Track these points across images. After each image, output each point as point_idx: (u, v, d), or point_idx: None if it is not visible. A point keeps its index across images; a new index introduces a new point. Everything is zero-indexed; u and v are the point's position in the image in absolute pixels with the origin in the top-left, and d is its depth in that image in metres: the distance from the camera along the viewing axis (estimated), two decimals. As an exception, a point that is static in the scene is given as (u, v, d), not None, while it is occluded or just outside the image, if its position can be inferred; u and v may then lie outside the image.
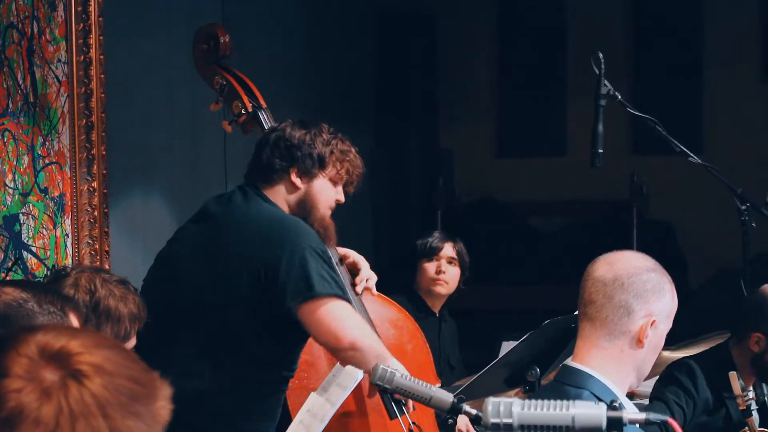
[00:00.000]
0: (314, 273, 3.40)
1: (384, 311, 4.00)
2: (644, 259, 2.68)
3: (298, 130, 3.63)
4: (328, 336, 3.43)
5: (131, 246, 4.56)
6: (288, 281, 3.40)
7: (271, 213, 3.55)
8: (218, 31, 4.02)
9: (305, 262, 3.41)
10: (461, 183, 8.76)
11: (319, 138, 3.63)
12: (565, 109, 8.65)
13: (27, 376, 1.46)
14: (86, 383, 1.47)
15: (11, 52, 4.02)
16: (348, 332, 3.40)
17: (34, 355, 1.48)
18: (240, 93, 3.96)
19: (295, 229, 3.49)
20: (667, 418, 2.23)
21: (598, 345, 2.63)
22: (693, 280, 7.83)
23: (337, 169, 3.64)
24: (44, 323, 2.10)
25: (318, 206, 3.62)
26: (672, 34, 8.42)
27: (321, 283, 3.40)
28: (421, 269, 5.15)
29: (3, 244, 3.99)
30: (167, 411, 1.53)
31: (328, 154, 3.62)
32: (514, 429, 2.14)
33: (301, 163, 3.60)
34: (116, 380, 1.48)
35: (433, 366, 4.10)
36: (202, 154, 4.61)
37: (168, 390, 1.55)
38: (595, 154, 3.87)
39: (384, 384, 2.59)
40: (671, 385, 4.03)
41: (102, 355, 1.50)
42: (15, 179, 4.04)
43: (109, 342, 1.54)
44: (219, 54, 4.02)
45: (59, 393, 1.45)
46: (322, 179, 3.63)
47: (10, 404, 1.44)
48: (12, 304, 2.31)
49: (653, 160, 7.72)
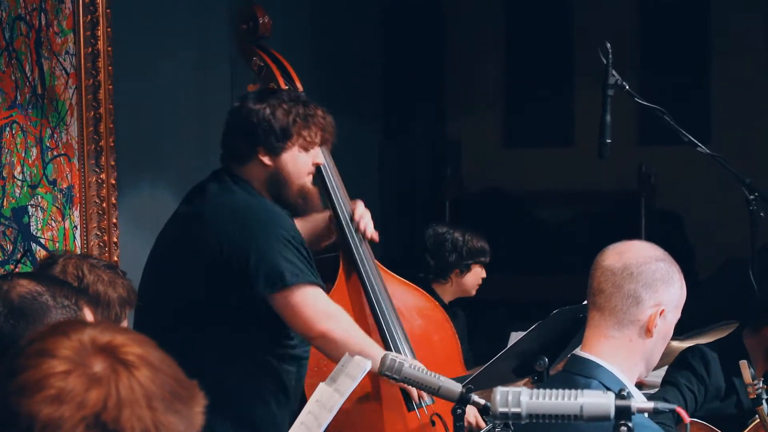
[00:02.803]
0: (284, 262, 3.38)
1: (411, 299, 3.97)
2: (653, 248, 2.68)
3: (256, 105, 3.54)
4: (300, 325, 3.44)
5: (140, 237, 4.56)
6: (258, 272, 3.39)
7: (241, 203, 3.50)
8: (257, 11, 3.98)
9: (275, 252, 3.38)
10: (469, 174, 8.76)
11: (279, 109, 3.53)
12: (573, 100, 8.63)
13: (76, 359, 1.49)
14: (135, 373, 1.50)
15: (19, 44, 4.03)
16: (318, 321, 3.40)
17: (85, 343, 1.51)
18: (276, 75, 3.91)
19: (264, 218, 3.45)
20: (675, 407, 2.24)
21: (607, 334, 2.63)
22: (701, 270, 7.82)
23: (305, 136, 3.55)
24: (94, 321, 2.13)
25: (291, 179, 3.56)
26: (679, 23, 8.39)
27: (292, 272, 3.39)
28: (474, 272, 5.08)
29: (12, 236, 4.00)
30: (202, 419, 1.56)
31: (291, 123, 3.53)
32: (522, 418, 2.14)
33: (265, 141, 3.52)
34: (161, 375, 1.52)
35: (461, 357, 4.07)
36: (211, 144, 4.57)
37: (204, 400, 1.57)
38: (603, 144, 3.87)
39: (392, 374, 2.60)
40: (684, 370, 4.04)
41: (147, 350, 1.54)
42: (23, 171, 4.05)
43: (152, 342, 1.57)
44: (258, 34, 3.97)
45: (109, 379, 1.48)
46: (291, 150, 3.55)
47: (58, 384, 1.47)
48: (27, 296, 2.32)
49: (661, 150, 7.70)
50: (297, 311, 3.41)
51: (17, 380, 1.48)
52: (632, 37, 8.45)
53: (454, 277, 5.07)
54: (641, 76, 8.12)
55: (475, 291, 5.12)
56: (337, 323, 3.42)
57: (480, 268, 5.08)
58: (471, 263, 5.06)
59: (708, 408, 4.04)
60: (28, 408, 1.46)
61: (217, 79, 5.51)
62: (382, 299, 3.79)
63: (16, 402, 1.47)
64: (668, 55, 8.33)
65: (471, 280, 5.09)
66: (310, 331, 3.44)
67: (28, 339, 1.56)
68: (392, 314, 3.79)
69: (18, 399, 1.47)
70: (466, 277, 5.07)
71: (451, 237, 5.06)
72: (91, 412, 1.46)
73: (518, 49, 8.81)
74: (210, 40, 5.51)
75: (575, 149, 8.50)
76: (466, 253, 5.04)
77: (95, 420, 1.46)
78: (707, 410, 4.04)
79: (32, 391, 1.47)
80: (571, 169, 8.39)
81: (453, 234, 5.07)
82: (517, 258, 8.27)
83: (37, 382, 1.47)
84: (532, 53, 8.73)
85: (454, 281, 5.07)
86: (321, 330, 3.41)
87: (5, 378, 1.50)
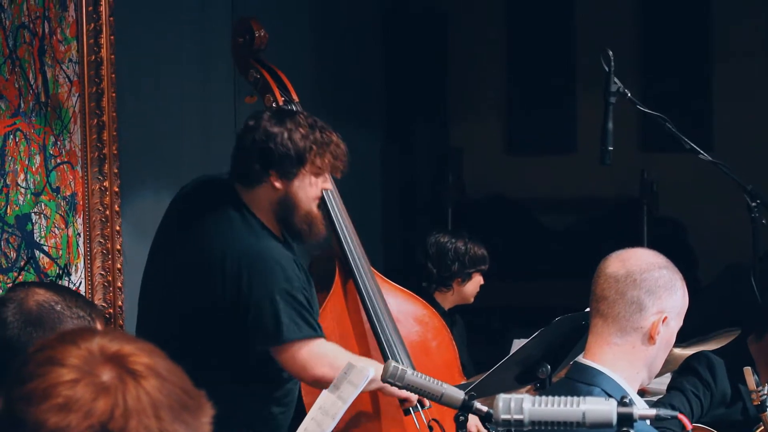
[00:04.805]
0: (284, 316, 3.41)
1: (408, 307, 3.99)
2: (656, 256, 2.69)
3: (273, 127, 3.50)
4: (295, 373, 3.52)
5: (143, 245, 4.56)
6: (257, 325, 3.43)
7: (244, 247, 3.49)
8: (253, 24, 4.00)
9: (275, 307, 3.41)
10: (471, 180, 8.76)
11: (296, 133, 3.49)
12: (575, 107, 8.63)
13: (84, 368, 1.49)
14: (142, 383, 1.50)
15: (23, 52, 4.04)
16: (314, 371, 3.46)
17: (93, 351, 1.51)
18: (272, 86, 3.92)
19: (266, 269, 3.45)
20: (677, 414, 2.24)
21: (609, 341, 2.64)
22: (703, 277, 7.81)
23: (318, 162, 3.52)
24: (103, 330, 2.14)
25: (300, 204, 3.55)
26: (681, 30, 8.40)
27: (290, 328, 3.42)
28: (474, 280, 5.10)
29: (15, 243, 4.00)
30: (209, 429, 1.56)
31: (307, 149, 3.49)
32: (524, 425, 2.15)
33: (280, 165, 3.49)
34: (168, 385, 1.52)
35: (459, 364, 4.08)
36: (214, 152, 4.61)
37: (211, 410, 1.57)
38: (605, 151, 3.87)
39: (395, 381, 2.60)
40: (690, 376, 4.04)
41: (155, 360, 1.54)
42: (27, 179, 4.05)
43: (160, 352, 1.57)
44: (254, 47, 3.98)
45: (117, 388, 1.48)
46: (304, 176, 3.52)
47: (66, 393, 1.47)
48: (44, 305, 2.34)
49: (663, 157, 7.70)
50: (291, 363, 3.48)
51: (25, 388, 1.49)
52: (634, 44, 8.46)
53: (456, 286, 5.08)
54: (643, 83, 8.13)
55: (473, 298, 5.14)
56: (332, 369, 3.41)
57: (479, 275, 5.10)
58: (472, 272, 5.07)
59: (714, 414, 4.04)
60: (35, 416, 1.46)
61: (220, 88, 5.51)
62: (378, 307, 3.80)
63: (23, 409, 1.47)
64: (670, 62, 8.34)
65: (471, 288, 5.11)
66: (304, 378, 3.53)
67: (36, 347, 1.56)
68: (389, 322, 3.80)
69: (25, 407, 1.47)
70: (467, 285, 5.08)
71: (453, 246, 5.07)
72: (98, 421, 1.46)
73: (520, 55, 8.81)
74: (213, 48, 5.52)
75: (577, 156, 8.50)
76: (469, 262, 5.05)
77: (102, 429, 1.46)
78: (713, 416, 4.03)
79: (40, 399, 1.47)
80: (573, 176, 8.39)
81: (455, 243, 5.08)
82: (519, 264, 8.27)
83: (45, 391, 1.47)
84: (534, 60, 8.74)
85: (455, 289, 5.09)
86: (314, 376, 3.47)
87: (14, 385, 1.50)
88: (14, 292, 2.46)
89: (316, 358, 3.46)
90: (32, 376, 1.49)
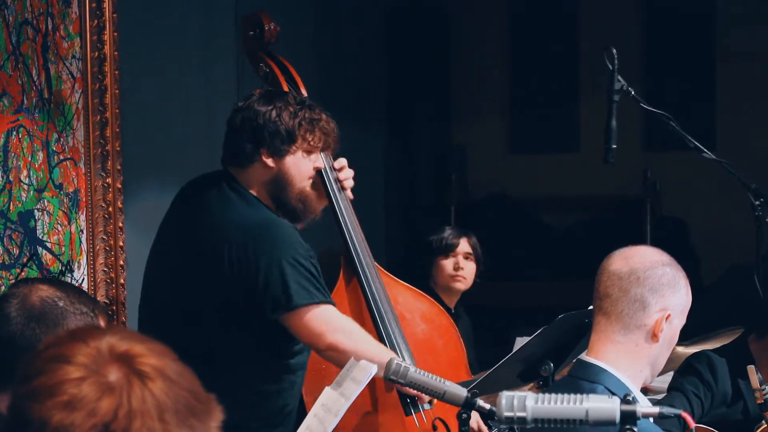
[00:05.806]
0: (292, 283, 3.41)
1: (415, 304, 3.98)
2: (659, 253, 2.69)
3: (263, 107, 3.56)
4: (309, 340, 3.50)
5: (145, 241, 4.56)
6: (267, 294, 3.42)
7: (246, 219, 3.51)
8: (263, 18, 4.02)
9: (283, 274, 3.41)
10: (474, 179, 8.75)
11: (285, 111, 3.55)
12: (578, 105, 8.63)
13: (91, 367, 1.49)
14: (149, 384, 1.49)
15: (26, 49, 4.03)
16: (327, 336, 3.45)
17: (102, 350, 1.51)
18: (280, 80, 3.94)
19: (271, 238, 3.46)
20: (680, 412, 2.24)
21: (613, 339, 2.63)
22: (706, 276, 7.81)
23: (309, 140, 3.57)
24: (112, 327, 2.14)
25: (293, 182, 3.58)
26: (685, 29, 8.39)
27: (300, 293, 3.42)
28: (439, 266, 5.14)
29: (18, 239, 4.00)
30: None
31: (296, 127, 3.55)
32: (527, 422, 2.15)
33: (270, 142, 3.54)
34: (176, 388, 1.51)
35: (467, 362, 4.07)
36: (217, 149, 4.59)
37: (221, 415, 1.56)
38: (609, 149, 3.87)
39: (397, 378, 2.60)
40: (690, 376, 4.03)
41: (164, 362, 1.53)
42: (30, 175, 4.05)
43: (171, 354, 1.56)
44: (264, 40, 4.01)
45: (122, 388, 1.48)
46: (295, 154, 3.57)
47: (71, 391, 1.47)
48: (47, 301, 2.34)
49: (666, 155, 7.70)
50: (304, 329, 3.46)
51: (32, 384, 1.48)
52: (638, 43, 8.46)
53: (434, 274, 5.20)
54: (647, 81, 8.13)
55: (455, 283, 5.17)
56: (346, 335, 3.46)
57: (444, 259, 5.15)
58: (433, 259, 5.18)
59: (715, 414, 4.03)
60: (39, 413, 1.46)
61: (223, 84, 5.51)
62: (381, 305, 3.79)
63: (28, 406, 1.47)
64: (674, 61, 8.33)
65: (441, 275, 5.18)
66: (318, 345, 3.50)
67: (45, 343, 1.55)
68: (392, 320, 3.79)
69: (31, 403, 1.47)
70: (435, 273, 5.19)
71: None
72: (101, 420, 1.45)
73: (523, 53, 8.81)
74: (216, 44, 5.52)
75: (580, 155, 8.50)
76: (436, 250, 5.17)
77: (105, 429, 1.45)
78: (714, 416, 4.03)
79: (45, 396, 1.46)
80: (576, 175, 8.39)
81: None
82: (522, 263, 8.27)
83: (51, 388, 1.47)
84: (537, 58, 8.73)
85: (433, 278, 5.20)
86: (329, 343, 3.46)
87: (20, 381, 1.50)
88: (17, 288, 2.46)
89: (329, 323, 3.46)
90: (39, 372, 1.49)
